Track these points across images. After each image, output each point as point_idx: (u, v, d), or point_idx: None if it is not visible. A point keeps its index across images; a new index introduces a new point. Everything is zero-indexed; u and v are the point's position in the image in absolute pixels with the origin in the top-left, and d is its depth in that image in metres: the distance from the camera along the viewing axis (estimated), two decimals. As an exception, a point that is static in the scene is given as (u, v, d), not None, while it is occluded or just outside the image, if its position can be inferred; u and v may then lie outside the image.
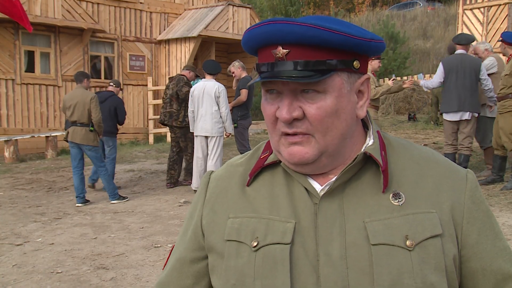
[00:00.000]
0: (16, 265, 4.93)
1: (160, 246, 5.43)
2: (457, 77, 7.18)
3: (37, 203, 7.80)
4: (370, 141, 1.08)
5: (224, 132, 7.76)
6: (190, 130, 7.94)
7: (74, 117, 7.36)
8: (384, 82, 12.38)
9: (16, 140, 11.90)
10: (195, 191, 7.79)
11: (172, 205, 7.44)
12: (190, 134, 8.11)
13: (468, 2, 13.33)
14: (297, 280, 1.00)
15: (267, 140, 1.17)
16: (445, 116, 7.41)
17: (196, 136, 7.74)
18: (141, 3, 15.36)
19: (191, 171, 8.29)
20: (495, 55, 7.91)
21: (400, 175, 1.07)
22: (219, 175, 1.19)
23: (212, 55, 16.17)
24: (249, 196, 1.10)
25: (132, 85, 15.06)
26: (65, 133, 7.59)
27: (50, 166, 10.84)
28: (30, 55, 13.56)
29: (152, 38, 15.65)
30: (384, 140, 1.11)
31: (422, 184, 1.06)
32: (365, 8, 30.41)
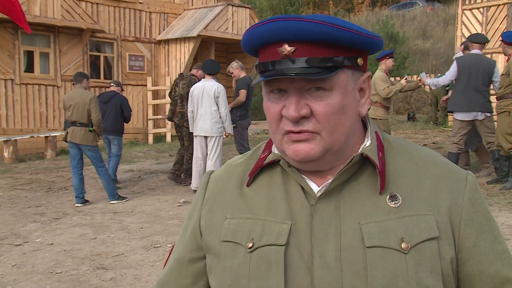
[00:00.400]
0: (16, 265, 4.93)
1: (159, 246, 5.43)
2: (470, 77, 7.16)
3: (36, 203, 7.80)
4: (367, 141, 1.08)
5: (224, 132, 7.76)
6: (190, 130, 7.94)
7: (74, 117, 7.36)
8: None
9: (16, 140, 11.89)
10: (195, 191, 7.80)
11: (171, 205, 7.44)
12: None
13: (467, 2, 13.33)
14: (292, 281, 0.99)
15: (267, 140, 1.16)
16: (457, 115, 7.36)
17: (196, 136, 7.74)
18: (140, 3, 15.36)
19: (190, 172, 8.29)
20: None
21: (398, 176, 1.06)
22: (218, 175, 1.18)
23: (211, 55, 16.16)
24: (246, 197, 1.10)
25: (132, 85, 15.05)
26: (64, 133, 7.59)
27: (49, 166, 10.84)
28: (30, 55, 13.55)
29: (151, 38, 15.64)
30: (383, 141, 1.10)
31: (420, 186, 1.05)
32: (364, 8, 30.41)
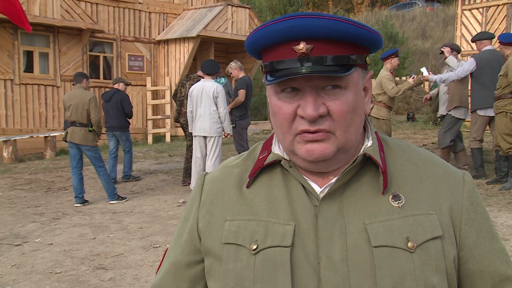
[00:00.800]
0: (15, 265, 4.92)
1: (159, 246, 5.43)
2: (492, 73, 7.20)
3: (36, 203, 7.80)
4: (368, 142, 1.07)
5: (223, 132, 7.76)
6: (189, 131, 7.94)
7: (73, 117, 7.36)
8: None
9: (15, 140, 11.89)
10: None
11: (171, 205, 7.44)
12: None
13: (467, 2, 13.34)
14: (298, 283, 0.98)
15: (264, 141, 1.15)
16: (482, 112, 7.38)
17: (195, 136, 7.74)
18: (140, 3, 15.36)
19: (189, 172, 8.29)
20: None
21: (399, 176, 1.06)
22: (214, 176, 1.16)
23: (211, 55, 16.16)
24: (246, 198, 1.08)
25: (131, 85, 15.03)
26: (64, 133, 7.59)
27: (48, 166, 10.84)
28: (29, 55, 13.55)
29: (151, 38, 15.64)
30: (381, 141, 1.10)
31: (420, 186, 1.06)
32: (364, 8, 30.42)
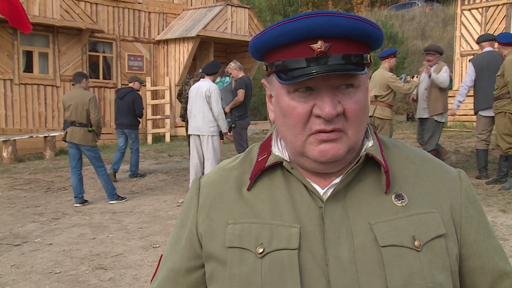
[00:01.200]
0: (15, 266, 4.92)
1: (158, 246, 5.43)
2: (489, 74, 7.25)
3: (35, 203, 7.80)
4: (369, 142, 1.07)
5: (220, 132, 7.70)
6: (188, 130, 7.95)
7: (73, 117, 7.35)
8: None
9: (15, 140, 11.89)
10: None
11: (170, 205, 7.44)
12: None
13: (466, 2, 13.34)
14: (307, 285, 0.97)
15: (261, 143, 1.14)
16: (483, 112, 7.43)
17: (190, 135, 7.74)
18: (139, 3, 15.36)
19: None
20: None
21: (399, 175, 1.06)
22: (211, 180, 1.14)
23: (210, 55, 16.16)
24: (247, 201, 1.06)
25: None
26: (63, 133, 7.59)
27: (48, 166, 10.83)
28: (29, 55, 13.55)
29: (150, 38, 15.64)
30: (380, 141, 1.10)
31: (421, 184, 1.06)
32: (363, 8, 30.43)
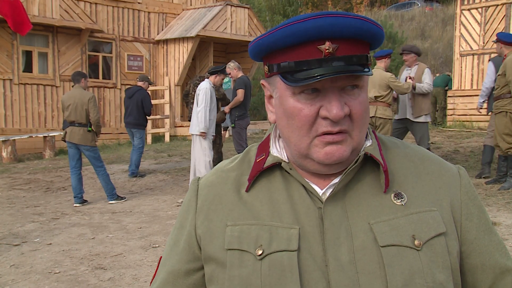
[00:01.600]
0: (14, 265, 4.92)
1: (158, 246, 5.43)
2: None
3: (35, 203, 7.79)
4: (367, 141, 1.07)
5: (200, 132, 7.55)
6: None
7: (72, 117, 7.35)
8: None
9: (14, 140, 11.88)
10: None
11: (170, 205, 7.44)
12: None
13: (466, 2, 13.34)
14: (307, 287, 0.97)
15: (258, 143, 1.14)
16: None
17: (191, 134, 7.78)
18: (139, 3, 15.35)
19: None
20: None
21: (398, 174, 1.06)
22: (209, 181, 1.13)
23: (210, 55, 16.17)
24: (246, 202, 1.06)
25: (130, 85, 15.01)
26: (63, 133, 7.58)
27: (48, 166, 10.83)
28: (28, 55, 13.54)
29: (150, 38, 15.64)
30: (379, 140, 1.10)
31: (420, 183, 1.06)
32: (363, 8, 30.42)
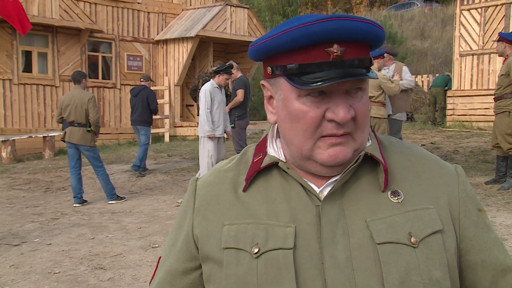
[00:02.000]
0: (14, 266, 4.92)
1: (157, 246, 5.43)
2: None
3: (34, 203, 7.79)
4: (367, 141, 1.07)
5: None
6: None
7: (72, 117, 7.35)
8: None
9: (14, 140, 11.88)
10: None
11: (169, 205, 7.44)
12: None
13: (465, 2, 13.35)
14: (303, 285, 0.97)
15: (256, 144, 1.15)
16: None
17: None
18: (138, 3, 15.35)
19: None
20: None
21: (395, 172, 1.06)
22: (207, 181, 1.14)
23: (209, 55, 16.16)
24: (243, 202, 1.07)
25: (130, 85, 15.02)
26: (62, 133, 7.58)
27: (47, 166, 10.83)
28: (28, 55, 13.54)
29: (149, 38, 15.64)
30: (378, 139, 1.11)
31: (417, 181, 1.06)
32: (362, 8, 30.42)
